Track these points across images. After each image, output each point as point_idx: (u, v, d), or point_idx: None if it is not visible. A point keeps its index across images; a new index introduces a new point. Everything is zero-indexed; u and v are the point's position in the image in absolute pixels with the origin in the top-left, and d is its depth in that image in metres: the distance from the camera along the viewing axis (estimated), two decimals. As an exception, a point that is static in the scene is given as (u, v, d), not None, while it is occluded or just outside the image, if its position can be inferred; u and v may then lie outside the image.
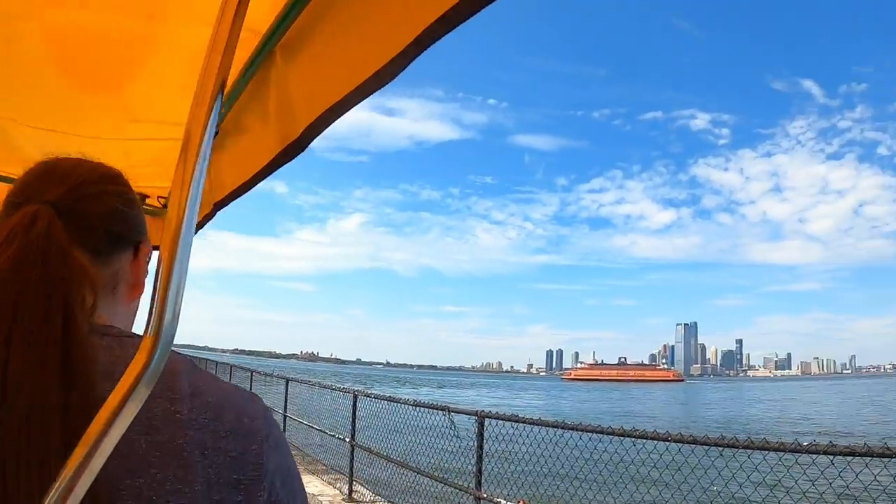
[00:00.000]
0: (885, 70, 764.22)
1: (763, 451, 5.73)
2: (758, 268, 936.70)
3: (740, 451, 5.87)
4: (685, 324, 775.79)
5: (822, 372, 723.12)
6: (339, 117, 1.71)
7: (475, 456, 8.34)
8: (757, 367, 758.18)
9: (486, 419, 8.52)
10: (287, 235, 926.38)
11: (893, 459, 5.11)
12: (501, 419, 8.43)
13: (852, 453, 5.17)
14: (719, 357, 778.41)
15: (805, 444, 5.45)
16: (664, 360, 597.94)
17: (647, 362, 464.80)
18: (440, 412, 9.76)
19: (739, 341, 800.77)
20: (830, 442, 5.28)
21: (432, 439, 10.37)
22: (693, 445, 6.23)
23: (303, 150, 1.96)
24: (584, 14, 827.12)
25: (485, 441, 8.48)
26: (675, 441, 6.28)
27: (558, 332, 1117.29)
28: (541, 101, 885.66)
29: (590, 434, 7.32)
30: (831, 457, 5.32)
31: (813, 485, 5.86)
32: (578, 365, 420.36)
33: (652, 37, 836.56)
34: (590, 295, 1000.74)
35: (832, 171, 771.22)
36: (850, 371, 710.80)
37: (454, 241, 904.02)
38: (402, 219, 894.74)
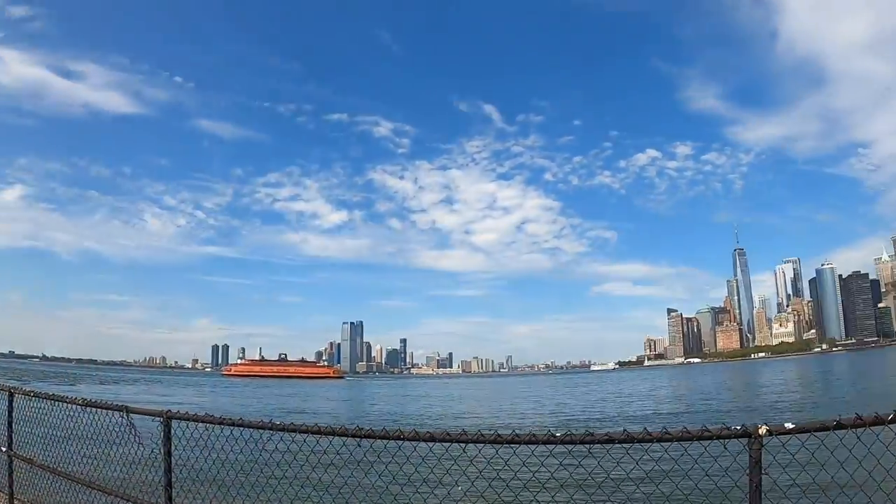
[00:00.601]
0: (560, 107, 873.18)
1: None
2: (424, 272, 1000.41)
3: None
4: (351, 322, 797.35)
5: (481, 370, 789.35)
6: None
7: (163, 464, 7.52)
8: (421, 366, 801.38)
9: (174, 420, 7.74)
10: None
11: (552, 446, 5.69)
12: (193, 420, 7.63)
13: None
14: (384, 355, 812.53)
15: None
16: (324, 359, 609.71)
17: (313, 359, 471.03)
18: (117, 413, 8.50)
19: (404, 340, 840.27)
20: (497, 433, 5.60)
21: (109, 447, 9.04)
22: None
23: None
24: (286, 7, 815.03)
25: (173, 446, 7.68)
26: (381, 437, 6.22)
27: (225, 327, 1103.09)
28: (229, 86, 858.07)
29: (280, 433, 6.97)
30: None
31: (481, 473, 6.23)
32: (237, 360, 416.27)
33: (351, 41, 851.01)
34: (258, 290, 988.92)
35: (501, 190, 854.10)
36: (507, 370, 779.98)
37: (122, 225, 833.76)
38: (68, 195, 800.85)
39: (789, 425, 5.23)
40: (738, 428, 5.31)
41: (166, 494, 7.42)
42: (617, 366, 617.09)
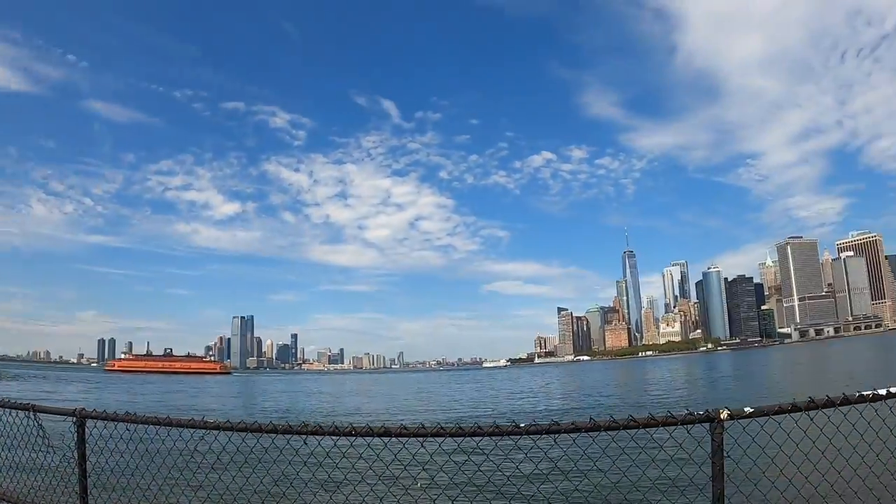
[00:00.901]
0: (459, 107, 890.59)
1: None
2: (315, 267, 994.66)
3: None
4: (242, 317, 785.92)
5: (373, 366, 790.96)
6: None
7: (77, 469, 6.75)
8: (311, 361, 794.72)
9: (89, 420, 6.95)
10: None
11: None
12: (111, 420, 6.85)
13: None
14: (275, 350, 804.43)
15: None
16: (211, 354, 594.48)
17: (202, 354, 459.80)
18: (21, 412, 7.61)
19: (295, 336, 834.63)
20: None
21: (14, 451, 8.04)
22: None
23: None
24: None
25: (88, 449, 6.92)
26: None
27: (112, 320, 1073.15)
28: (124, 68, 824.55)
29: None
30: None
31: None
32: (121, 356, 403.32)
33: (252, 27, 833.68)
34: (147, 282, 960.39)
35: (396, 186, 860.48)
36: (398, 366, 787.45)
37: (4, 210, 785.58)
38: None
39: (748, 409, 5.67)
40: (702, 413, 5.63)
41: (81, 502, 6.69)
42: (508, 363, 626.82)
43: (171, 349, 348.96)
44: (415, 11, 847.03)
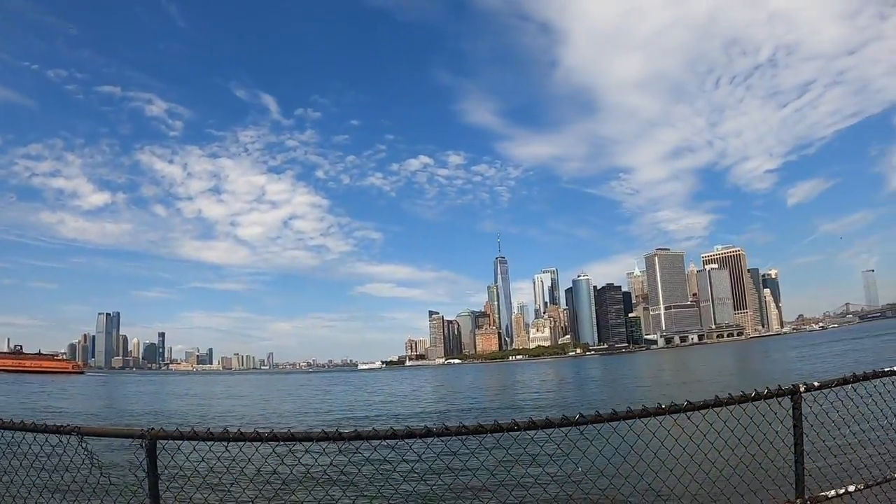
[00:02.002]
0: (340, 107, 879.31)
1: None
2: (185, 263, 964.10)
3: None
4: (108, 313, 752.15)
5: (242, 367, 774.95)
6: None
7: (148, 502, 5.77)
8: (179, 361, 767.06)
9: (161, 441, 5.81)
10: None
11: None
12: (190, 439, 5.78)
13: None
14: (142, 350, 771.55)
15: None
16: (63, 353, 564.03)
17: (64, 352, 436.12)
18: (60, 436, 5.95)
19: (162, 334, 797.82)
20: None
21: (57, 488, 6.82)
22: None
23: None
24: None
25: (160, 475, 5.82)
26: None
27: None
28: None
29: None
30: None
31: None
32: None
33: (135, 9, 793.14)
34: (9, 274, 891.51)
35: (271, 184, 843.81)
36: (268, 367, 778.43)
37: None
38: None
39: (816, 383, 7.22)
40: (786, 388, 6.97)
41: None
42: (384, 365, 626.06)
43: (21, 346, 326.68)
44: (303, 8, 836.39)
